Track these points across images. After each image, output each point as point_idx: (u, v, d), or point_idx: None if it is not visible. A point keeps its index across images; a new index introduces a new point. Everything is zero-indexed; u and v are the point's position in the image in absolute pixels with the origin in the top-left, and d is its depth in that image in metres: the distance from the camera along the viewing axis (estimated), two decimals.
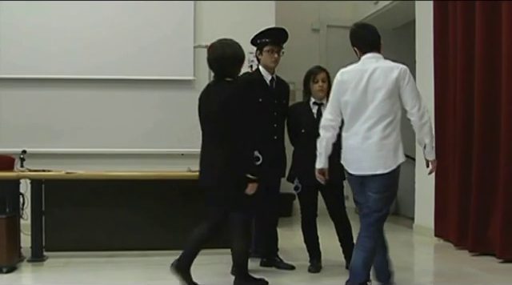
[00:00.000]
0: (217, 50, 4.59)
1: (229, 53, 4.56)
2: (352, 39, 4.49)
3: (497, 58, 5.95)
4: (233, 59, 4.57)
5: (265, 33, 5.40)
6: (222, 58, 4.55)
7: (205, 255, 5.85)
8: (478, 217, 6.12)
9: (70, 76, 7.60)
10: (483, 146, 6.10)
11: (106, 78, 7.64)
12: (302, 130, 5.36)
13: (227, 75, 4.59)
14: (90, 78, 7.61)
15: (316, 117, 5.31)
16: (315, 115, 5.35)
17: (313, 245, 5.45)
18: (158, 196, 6.08)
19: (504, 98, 5.81)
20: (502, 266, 5.61)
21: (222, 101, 4.49)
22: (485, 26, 6.09)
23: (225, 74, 4.59)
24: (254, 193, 4.56)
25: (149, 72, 7.70)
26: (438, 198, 6.84)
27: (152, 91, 7.74)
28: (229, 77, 4.59)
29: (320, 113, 5.31)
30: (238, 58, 4.61)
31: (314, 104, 5.40)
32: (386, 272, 4.49)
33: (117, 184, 5.98)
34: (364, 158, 4.28)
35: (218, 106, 4.51)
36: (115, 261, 5.78)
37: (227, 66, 4.57)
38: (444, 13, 6.86)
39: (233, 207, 4.60)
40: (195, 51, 7.83)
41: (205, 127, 4.69)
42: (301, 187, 5.32)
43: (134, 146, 7.63)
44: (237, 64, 4.62)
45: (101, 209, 6.01)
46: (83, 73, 7.60)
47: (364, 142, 4.25)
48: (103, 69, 7.63)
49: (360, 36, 4.47)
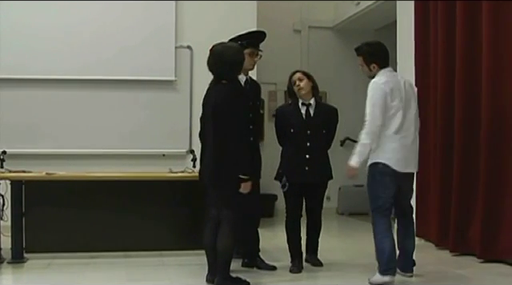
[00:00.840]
0: (217, 53, 4.75)
1: (228, 56, 4.72)
2: (373, 55, 5.02)
3: (477, 59, 6.03)
4: (232, 62, 4.74)
5: (246, 35, 5.43)
6: (221, 61, 4.71)
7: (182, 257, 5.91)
8: (458, 217, 6.20)
9: (51, 76, 7.58)
10: (464, 146, 6.19)
11: (87, 78, 7.63)
12: (291, 129, 5.48)
13: (226, 78, 4.75)
14: (71, 78, 7.60)
15: (304, 117, 5.50)
16: (304, 116, 5.51)
17: (295, 245, 5.53)
18: (139, 197, 6.09)
19: (484, 98, 5.89)
20: (483, 266, 5.69)
21: (216, 102, 4.68)
22: (466, 27, 6.18)
23: (223, 76, 4.75)
24: (248, 192, 4.72)
25: (130, 72, 7.70)
26: (418, 197, 6.89)
27: (133, 92, 7.75)
28: (227, 79, 4.75)
29: (309, 113, 5.51)
30: (238, 62, 4.79)
31: (302, 105, 5.53)
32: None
33: (98, 185, 5.99)
34: (411, 158, 5.00)
35: (211, 108, 4.69)
36: (97, 262, 5.78)
37: (226, 69, 4.72)
38: (425, 13, 6.93)
39: (223, 205, 4.71)
40: (177, 52, 7.86)
41: (205, 128, 4.87)
42: (288, 185, 5.41)
43: (115, 146, 7.63)
44: (236, 67, 4.79)
45: (82, 210, 6.01)
46: (64, 73, 7.59)
47: (413, 143, 4.97)
48: (84, 69, 7.62)
49: (382, 51, 5.05)
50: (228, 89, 4.74)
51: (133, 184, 6.06)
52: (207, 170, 4.76)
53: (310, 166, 5.43)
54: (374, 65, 5.01)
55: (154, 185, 6.11)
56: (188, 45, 7.88)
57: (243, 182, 4.67)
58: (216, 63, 4.74)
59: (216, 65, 4.74)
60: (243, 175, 4.67)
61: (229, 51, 4.75)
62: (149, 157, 7.65)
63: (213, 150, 4.68)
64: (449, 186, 6.36)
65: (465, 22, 6.18)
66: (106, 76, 7.66)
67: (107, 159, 7.47)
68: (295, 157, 5.45)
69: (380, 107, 4.82)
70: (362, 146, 4.82)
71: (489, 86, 5.82)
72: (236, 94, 4.77)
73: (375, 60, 5.02)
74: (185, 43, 7.88)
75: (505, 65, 5.74)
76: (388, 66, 5.03)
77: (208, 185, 4.81)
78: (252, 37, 5.45)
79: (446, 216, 6.41)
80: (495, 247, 5.74)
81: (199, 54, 7.55)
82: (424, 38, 6.96)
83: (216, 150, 4.66)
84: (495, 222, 5.78)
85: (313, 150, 5.45)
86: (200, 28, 7.89)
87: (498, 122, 5.80)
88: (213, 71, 4.80)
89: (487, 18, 5.84)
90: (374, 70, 5.02)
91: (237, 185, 4.67)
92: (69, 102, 7.64)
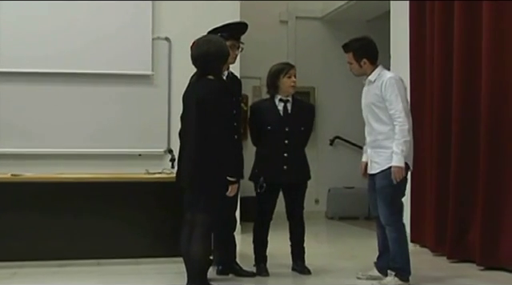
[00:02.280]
0: (201, 46, 4.78)
1: (213, 49, 4.76)
2: (363, 50, 5.14)
3: (477, 52, 6.05)
4: (217, 56, 4.78)
5: (227, 27, 5.41)
6: (206, 55, 4.74)
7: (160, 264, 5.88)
8: (456, 221, 6.20)
9: (13, 69, 7.44)
10: (462, 145, 6.19)
11: (57, 71, 7.52)
12: (267, 127, 5.50)
13: (210, 72, 4.78)
14: (37, 71, 7.48)
15: (282, 114, 5.52)
16: (281, 112, 5.53)
17: (262, 248, 5.58)
18: (114, 200, 6.06)
19: (484, 96, 5.90)
20: (483, 274, 5.69)
21: (200, 98, 4.68)
22: (464, 18, 6.19)
23: (208, 71, 4.78)
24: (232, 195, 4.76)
25: (103, 66, 7.60)
26: (413, 200, 6.90)
27: (107, 87, 7.66)
28: (212, 74, 4.78)
29: (286, 110, 5.54)
30: (222, 55, 4.83)
31: (279, 101, 5.55)
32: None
33: (68, 188, 5.97)
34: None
35: (195, 104, 4.69)
36: (66, 271, 5.73)
37: (211, 63, 4.76)
38: (421, 4, 6.95)
39: (200, 209, 4.69)
40: (154, 44, 7.77)
41: (185, 126, 4.87)
42: (265, 186, 5.43)
43: (87, 146, 7.54)
44: (221, 61, 4.84)
45: (51, 215, 5.95)
46: (29, 66, 7.46)
47: (412, 140, 5.09)
48: (52, 62, 7.50)
49: (373, 46, 5.16)
50: (214, 84, 4.77)
51: (106, 186, 6.03)
52: (187, 172, 4.74)
53: (288, 166, 5.46)
54: (365, 60, 5.11)
55: (129, 187, 6.09)
56: (166, 36, 7.82)
57: (230, 184, 4.67)
58: (201, 57, 4.76)
59: (201, 58, 4.76)
60: (230, 177, 4.67)
61: (214, 44, 4.79)
62: (124, 157, 7.57)
63: (196, 149, 4.66)
64: (446, 188, 6.37)
65: (463, 13, 6.20)
66: (77, 69, 7.54)
67: (78, 160, 7.39)
68: (272, 156, 5.48)
69: (405, 103, 5.04)
70: (405, 143, 4.96)
71: (489, 87, 5.85)
72: (222, 90, 4.81)
73: (366, 55, 5.11)
74: (162, 34, 7.81)
75: (506, 66, 5.78)
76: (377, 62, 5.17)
77: (187, 187, 4.79)
78: (233, 28, 5.43)
79: (442, 220, 6.41)
80: (496, 254, 5.74)
81: (178, 47, 7.51)
82: (419, 30, 6.98)
83: (200, 150, 4.64)
84: (496, 227, 5.78)
85: (291, 148, 5.49)
86: (179, 18, 7.83)
87: (497, 122, 5.82)
88: (197, 65, 4.83)
89: (487, 9, 5.86)
90: (365, 66, 5.12)
91: (223, 187, 4.66)
92: (36, 98, 7.52)
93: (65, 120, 7.56)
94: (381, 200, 5.07)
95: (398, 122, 4.95)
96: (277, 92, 5.56)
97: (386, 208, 5.04)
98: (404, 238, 5.11)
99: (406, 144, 4.95)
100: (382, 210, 5.07)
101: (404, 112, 4.97)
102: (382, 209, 5.06)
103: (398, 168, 4.96)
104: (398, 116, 4.95)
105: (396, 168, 4.96)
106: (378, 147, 5.12)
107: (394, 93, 4.98)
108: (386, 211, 5.05)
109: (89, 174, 6.30)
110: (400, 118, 4.95)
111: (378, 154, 5.10)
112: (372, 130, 5.17)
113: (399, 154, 4.93)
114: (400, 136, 4.94)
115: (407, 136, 4.96)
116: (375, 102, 5.08)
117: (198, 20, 7.24)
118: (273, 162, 5.47)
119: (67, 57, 7.53)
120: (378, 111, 5.08)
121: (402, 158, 4.94)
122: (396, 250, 5.06)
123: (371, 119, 5.16)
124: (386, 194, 5.04)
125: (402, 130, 4.95)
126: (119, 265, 5.92)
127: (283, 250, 5.78)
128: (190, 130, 4.77)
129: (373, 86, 5.12)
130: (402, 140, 4.94)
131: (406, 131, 4.96)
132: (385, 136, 5.05)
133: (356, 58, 5.13)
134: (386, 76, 5.07)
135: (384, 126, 5.06)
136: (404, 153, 4.94)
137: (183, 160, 4.83)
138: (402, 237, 5.09)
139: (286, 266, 5.69)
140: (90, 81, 7.62)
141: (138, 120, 7.67)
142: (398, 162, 4.95)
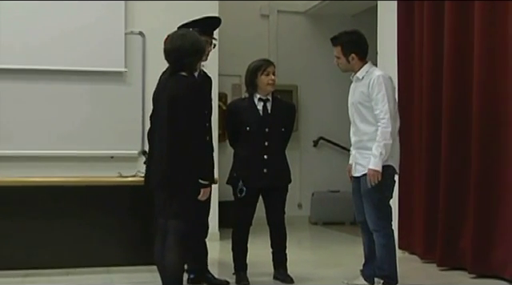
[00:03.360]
0: (175, 40, 4.74)
1: (187, 44, 4.71)
2: (352, 44, 5.13)
3: (467, 52, 6.09)
4: (191, 51, 4.72)
5: (199, 21, 5.39)
6: (179, 50, 4.69)
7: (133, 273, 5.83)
8: (446, 227, 6.21)
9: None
10: (452, 145, 6.21)
11: (22, 68, 7.45)
12: (246, 127, 5.49)
13: (184, 69, 4.74)
14: (2, 67, 7.41)
15: (262, 114, 5.52)
16: (261, 112, 5.53)
17: (242, 255, 5.58)
18: (84, 205, 6.02)
19: (475, 93, 5.92)
20: (475, 282, 5.70)
21: (172, 96, 4.63)
22: (454, 17, 6.23)
23: (182, 67, 4.73)
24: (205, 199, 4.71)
25: (72, 62, 7.53)
26: (401, 205, 6.92)
27: (76, 84, 7.60)
28: (185, 71, 4.74)
29: (266, 109, 5.54)
30: (198, 51, 4.77)
31: (259, 100, 5.55)
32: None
33: (35, 192, 5.91)
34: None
35: (167, 102, 4.65)
36: (34, 281, 5.68)
37: (185, 59, 4.71)
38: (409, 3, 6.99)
39: (173, 214, 4.65)
40: (127, 39, 7.74)
41: (155, 126, 4.83)
42: (245, 190, 5.41)
43: (55, 147, 7.47)
44: (195, 57, 4.77)
45: (16, 221, 5.90)
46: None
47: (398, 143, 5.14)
48: (18, 57, 7.43)
49: (363, 41, 5.16)
50: (188, 81, 4.73)
51: (76, 190, 6.00)
52: (158, 174, 4.70)
53: (268, 168, 5.46)
54: (354, 55, 5.10)
55: (100, 191, 6.04)
56: (140, 31, 7.78)
57: (203, 187, 4.64)
58: (174, 52, 4.71)
59: (174, 54, 4.72)
60: (203, 180, 4.64)
61: (189, 39, 4.75)
62: (95, 159, 7.53)
63: (167, 150, 4.62)
64: (435, 193, 6.38)
65: (454, 21, 6.25)
66: (44, 66, 7.46)
67: (46, 162, 7.32)
68: (252, 158, 5.48)
69: (395, 102, 5.04)
70: (386, 146, 4.92)
71: (481, 87, 5.88)
72: (196, 87, 4.78)
73: (355, 50, 5.10)
74: (136, 29, 7.77)
75: (497, 66, 5.80)
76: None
77: (158, 191, 4.75)
78: (205, 23, 5.42)
79: (432, 225, 6.41)
80: (488, 261, 5.75)
81: (153, 42, 7.46)
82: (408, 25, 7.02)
83: (171, 151, 4.60)
84: (488, 233, 5.79)
85: (271, 150, 5.49)
86: (154, 11, 7.79)
87: (490, 125, 5.84)
88: (169, 61, 4.79)
89: (479, 18, 5.91)
90: (353, 61, 5.11)
91: (195, 191, 4.63)
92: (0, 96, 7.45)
93: (31, 120, 7.48)
94: (367, 204, 5.05)
95: (382, 123, 4.92)
96: (255, 91, 5.55)
97: (374, 213, 5.02)
98: (393, 244, 5.09)
99: (387, 147, 4.91)
100: (370, 215, 5.05)
101: (389, 113, 4.93)
102: (370, 214, 5.04)
103: (373, 171, 4.92)
104: (383, 117, 4.92)
105: (372, 171, 4.92)
106: (362, 148, 5.09)
107: (382, 92, 4.95)
108: (373, 216, 5.02)
109: (57, 178, 6.25)
110: (384, 120, 4.92)
111: (363, 156, 5.07)
112: (357, 130, 5.15)
113: (377, 157, 4.90)
114: (381, 138, 4.91)
115: (389, 139, 4.91)
116: (362, 100, 5.06)
117: (174, 13, 7.19)
118: (252, 165, 5.46)
119: (33, 52, 7.45)
120: (364, 111, 5.05)
121: (379, 161, 4.90)
122: (384, 258, 5.04)
123: (357, 119, 5.14)
124: (372, 198, 5.02)
125: (384, 132, 4.91)
126: (89, 274, 5.87)
127: (264, 257, 5.77)
128: (161, 129, 4.72)
129: (360, 84, 5.09)
130: (382, 143, 4.90)
131: (389, 134, 4.91)
132: (370, 137, 5.01)
133: (344, 53, 5.11)
134: (375, 74, 5.04)
135: (370, 126, 5.03)
136: (383, 156, 4.90)
137: (153, 162, 4.78)
138: (391, 243, 5.07)
139: (267, 275, 5.68)
140: (59, 78, 7.55)
141: (110, 120, 7.62)
142: (374, 166, 4.91)
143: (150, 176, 4.82)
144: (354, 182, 5.23)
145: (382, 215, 5.03)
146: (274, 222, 5.60)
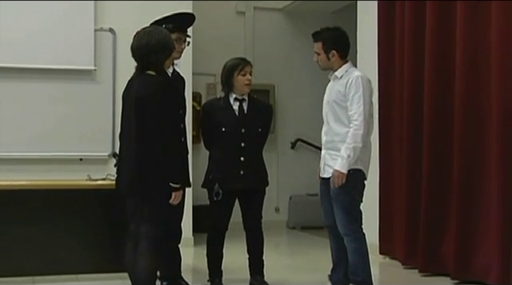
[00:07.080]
0: (141, 38, 4.72)
1: (154, 41, 4.68)
2: (334, 41, 5.16)
3: (450, 52, 6.14)
4: (158, 49, 4.70)
5: (172, 18, 5.39)
6: (145, 48, 4.67)
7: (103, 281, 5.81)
8: (428, 231, 6.24)
9: None
10: (434, 148, 6.25)
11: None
12: (222, 128, 5.49)
13: (151, 67, 4.72)
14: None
15: (238, 114, 5.52)
16: (237, 112, 5.53)
17: (217, 260, 5.58)
18: (51, 210, 5.96)
19: (458, 92, 5.97)
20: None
21: (140, 96, 4.62)
22: (436, 18, 6.29)
23: (149, 65, 4.72)
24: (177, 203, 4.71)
25: (38, 60, 7.48)
26: (382, 209, 6.95)
27: (43, 83, 7.55)
28: (153, 69, 4.72)
29: (242, 109, 5.54)
30: (165, 48, 4.74)
31: (235, 100, 5.55)
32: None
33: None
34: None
35: (134, 102, 4.64)
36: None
37: (151, 57, 4.69)
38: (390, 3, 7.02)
39: (144, 220, 4.64)
40: (96, 36, 7.71)
41: (124, 127, 4.82)
42: (221, 194, 5.41)
43: (21, 149, 7.42)
44: (163, 54, 4.74)
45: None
46: None
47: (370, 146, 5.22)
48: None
49: (345, 39, 5.20)
50: (155, 80, 4.71)
51: (43, 194, 5.94)
52: (127, 177, 4.69)
53: (245, 170, 5.46)
54: (334, 53, 5.13)
55: (68, 195, 6.01)
56: (110, 27, 7.75)
57: (174, 190, 4.63)
58: (140, 50, 4.69)
59: (140, 51, 4.70)
60: (174, 183, 4.63)
61: (156, 35, 4.71)
62: (62, 161, 7.49)
63: (136, 152, 4.61)
64: (417, 197, 6.40)
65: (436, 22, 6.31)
66: (8, 63, 7.41)
67: (11, 165, 7.26)
68: (228, 160, 5.47)
69: (369, 104, 5.05)
70: (355, 149, 4.92)
71: (463, 87, 5.94)
72: (165, 87, 4.74)
73: (336, 47, 5.14)
74: (106, 25, 7.74)
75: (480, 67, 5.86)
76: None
77: (127, 195, 4.75)
78: (178, 20, 5.41)
79: (413, 229, 6.44)
80: (471, 266, 5.79)
81: (123, 39, 7.36)
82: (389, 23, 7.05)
83: (141, 153, 4.59)
84: (470, 238, 5.83)
85: (248, 151, 5.49)
86: (125, 7, 7.77)
87: (472, 127, 5.89)
88: (136, 59, 4.77)
89: (462, 18, 5.96)
90: (333, 59, 5.13)
91: (166, 195, 4.62)
92: None
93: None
94: (337, 208, 5.05)
95: (354, 124, 4.93)
96: (231, 90, 5.55)
97: (344, 216, 5.02)
98: (365, 248, 5.08)
99: (356, 150, 4.92)
100: (340, 220, 5.04)
101: (363, 116, 4.94)
102: (340, 218, 5.04)
103: (339, 173, 4.93)
104: (356, 119, 4.93)
105: (337, 173, 4.93)
106: (332, 149, 5.09)
107: (358, 93, 4.97)
108: (343, 220, 5.03)
109: (23, 181, 6.22)
110: (357, 122, 4.93)
111: (332, 157, 5.07)
112: (330, 129, 5.15)
113: (344, 159, 4.91)
114: (351, 140, 4.92)
115: (359, 142, 4.92)
116: (337, 100, 5.07)
117: (146, 9, 7.19)
118: (228, 167, 5.45)
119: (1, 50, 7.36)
120: (339, 110, 5.06)
121: (346, 163, 4.91)
122: (356, 263, 5.03)
123: (330, 118, 5.14)
124: (341, 202, 5.02)
125: (355, 134, 4.92)
126: (57, 282, 5.85)
127: (240, 263, 5.79)
128: (129, 131, 4.71)
129: (338, 83, 5.11)
130: (351, 145, 4.91)
131: (360, 136, 4.92)
132: (342, 138, 5.01)
133: (325, 49, 5.13)
134: (354, 74, 5.06)
135: (342, 127, 5.04)
136: (350, 159, 4.91)
137: (123, 165, 4.77)
138: (363, 247, 5.06)
139: (243, 281, 5.68)
140: (23, 77, 7.49)
141: (79, 120, 7.58)
142: (340, 167, 4.92)
143: (120, 180, 4.82)
144: (322, 183, 5.24)
145: (352, 219, 5.04)
146: (251, 226, 5.61)
